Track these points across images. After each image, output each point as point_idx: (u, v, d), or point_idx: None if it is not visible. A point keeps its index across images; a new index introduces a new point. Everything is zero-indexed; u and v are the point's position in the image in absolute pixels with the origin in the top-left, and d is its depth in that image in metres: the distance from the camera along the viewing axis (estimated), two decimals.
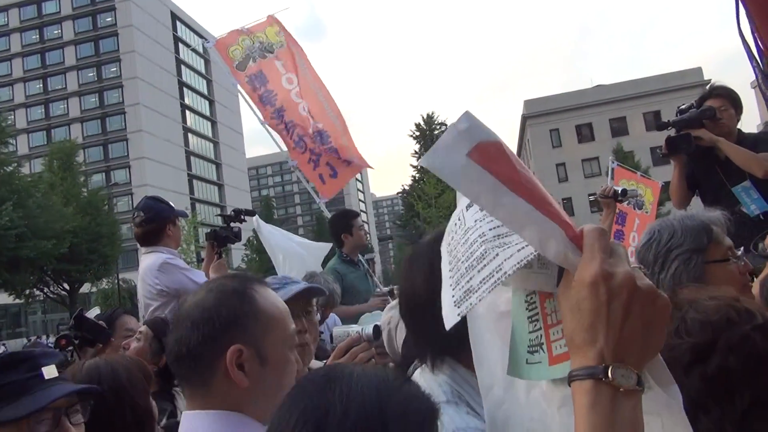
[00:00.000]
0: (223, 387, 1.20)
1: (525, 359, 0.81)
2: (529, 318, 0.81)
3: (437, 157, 0.70)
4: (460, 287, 0.79)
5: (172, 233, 3.63)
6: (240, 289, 1.27)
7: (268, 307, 1.27)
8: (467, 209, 0.85)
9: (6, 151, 31.82)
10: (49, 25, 67.46)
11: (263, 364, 1.22)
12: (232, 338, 1.20)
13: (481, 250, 0.77)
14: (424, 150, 49.20)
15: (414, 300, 1.30)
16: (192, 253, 45.53)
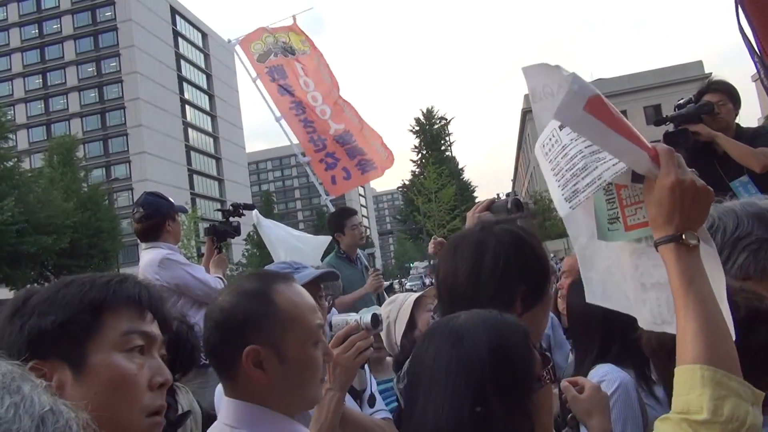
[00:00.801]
0: (245, 382, 1.26)
1: (607, 227, 1.21)
2: (607, 200, 1.20)
3: (562, 114, 1.01)
4: (568, 189, 1.13)
5: (171, 229, 3.63)
6: (259, 290, 1.32)
7: (287, 306, 1.31)
8: (560, 129, 1.16)
9: (6, 147, 31.77)
10: (48, 20, 67.26)
11: (283, 362, 1.26)
12: (248, 339, 1.25)
13: (582, 163, 1.10)
14: (424, 145, 49.20)
15: (456, 290, 1.42)
16: (192, 248, 45.58)
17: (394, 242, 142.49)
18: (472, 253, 1.44)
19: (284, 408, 1.29)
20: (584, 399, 1.54)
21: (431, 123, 50.32)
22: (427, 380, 1.05)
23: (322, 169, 5.62)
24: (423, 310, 2.46)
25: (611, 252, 1.27)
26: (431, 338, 1.11)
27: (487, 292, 1.37)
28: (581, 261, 1.40)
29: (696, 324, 0.98)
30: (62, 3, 66.97)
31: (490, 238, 1.45)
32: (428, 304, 2.50)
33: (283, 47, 5.98)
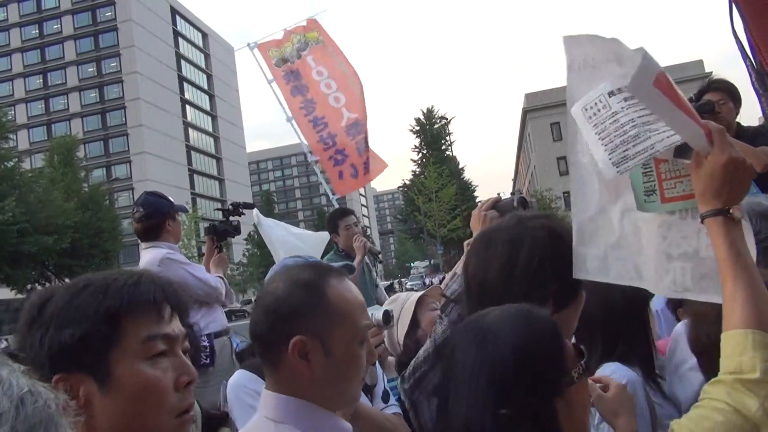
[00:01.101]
0: (289, 374, 1.24)
1: (643, 199, 1.28)
2: (643, 173, 1.27)
3: (634, 87, 1.08)
4: (617, 154, 1.17)
5: (171, 228, 3.62)
6: (313, 281, 1.29)
7: (339, 301, 1.28)
8: (609, 96, 1.20)
9: (6, 147, 31.79)
10: (49, 20, 67.29)
11: (328, 356, 1.24)
12: (296, 328, 1.23)
13: (634, 131, 1.14)
14: (424, 144, 49.21)
15: (486, 286, 1.41)
16: (193, 248, 45.65)
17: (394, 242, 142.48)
18: (506, 249, 1.41)
19: (325, 403, 1.27)
20: (610, 398, 1.51)
21: (431, 123, 50.33)
22: (456, 379, 1.05)
23: (331, 165, 5.65)
24: (426, 310, 2.44)
25: (629, 226, 1.33)
26: (462, 335, 1.11)
27: (520, 290, 1.33)
28: (578, 235, 1.43)
29: (745, 292, 1.06)
30: (62, 3, 66.99)
31: (525, 233, 1.43)
32: (430, 303, 2.48)
33: (297, 49, 6.09)
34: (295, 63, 6.04)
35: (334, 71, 5.95)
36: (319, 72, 5.93)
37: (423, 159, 47.96)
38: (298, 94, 5.84)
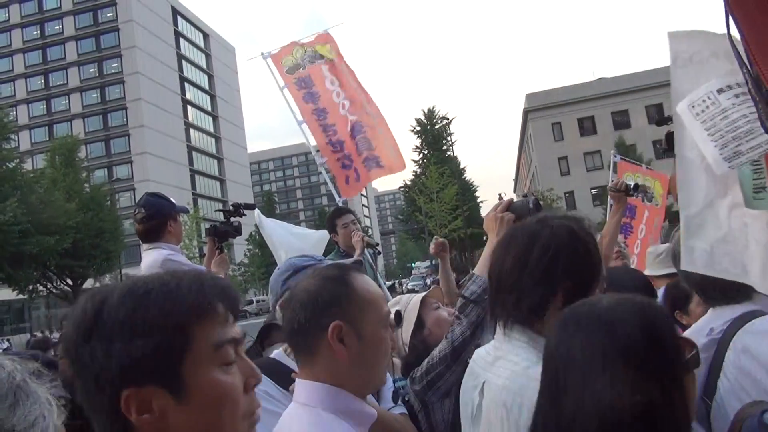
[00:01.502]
0: (326, 359, 1.37)
1: (752, 196, 1.29)
2: (753, 170, 1.29)
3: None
4: (728, 149, 1.19)
5: (173, 229, 3.62)
6: (340, 275, 1.46)
7: (364, 291, 1.44)
8: (719, 93, 1.22)
9: (8, 147, 31.84)
10: (50, 21, 67.35)
11: (360, 340, 1.38)
12: (333, 316, 1.37)
13: (747, 127, 1.15)
14: (425, 145, 49.19)
15: (501, 278, 1.52)
16: (194, 249, 45.68)
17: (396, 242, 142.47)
18: (524, 241, 1.51)
19: (356, 389, 1.40)
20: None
21: (433, 123, 50.30)
22: (579, 368, 1.07)
23: (339, 167, 5.75)
24: (429, 310, 2.44)
25: (736, 221, 1.37)
26: (576, 325, 1.13)
27: (531, 280, 1.44)
28: (686, 229, 1.49)
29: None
30: (64, 4, 67.05)
31: (545, 230, 1.51)
32: (433, 303, 2.49)
33: (311, 57, 6.22)
34: (307, 69, 6.15)
35: (344, 84, 6.08)
36: (332, 81, 6.07)
37: (424, 159, 47.92)
38: (311, 101, 5.96)
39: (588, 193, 48.42)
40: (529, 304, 1.45)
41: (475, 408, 1.55)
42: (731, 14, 0.87)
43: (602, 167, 43.19)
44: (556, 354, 1.13)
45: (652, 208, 7.50)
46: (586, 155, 49.55)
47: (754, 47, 0.86)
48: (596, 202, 44.97)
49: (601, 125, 49.98)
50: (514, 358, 1.44)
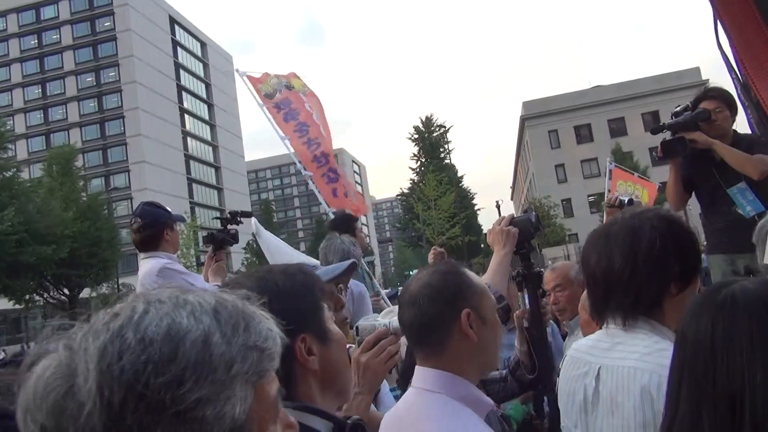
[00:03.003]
0: (456, 345, 1.48)
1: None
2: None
3: None
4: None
5: (170, 238, 3.62)
6: (454, 268, 1.60)
7: (476, 280, 1.59)
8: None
9: (5, 157, 31.79)
10: (48, 30, 67.50)
11: (485, 323, 1.52)
12: (460, 305, 1.49)
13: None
14: (423, 152, 49.25)
15: (611, 275, 1.56)
16: (192, 257, 45.55)
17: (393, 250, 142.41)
18: (627, 238, 1.56)
19: (476, 374, 1.54)
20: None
21: (430, 131, 50.39)
22: (748, 350, 1.09)
23: (324, 183, 5.85)
24: None
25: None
26: (735, 308, 1.14)
27: (645, 274, 1.51)
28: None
29: None
30: (62, 13, 67.23)
31: (643, 223, 1.57)
32: None
33: (287, 85, 6.38)
34: (283, 93, 6.28)
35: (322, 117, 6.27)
36: (310, 107, 6.26)
37: (422, 167, 48.00)
38: (291, 120, 6.07)
39: (585, 201, 48.53)
40: (648, 298, 1.52)
41: (589, 394, 1.59)
42: (719, 20, 0.90)
43: (599, 174, 43.32)
44: (713, 336, 1.14)
45: None
46: (583, 162, 49.70)
47: (742, 53, 0.88)
48: (593, 210, 45.06)
49: (597, 133, 50.18)
50: (640, 342, 1.51)
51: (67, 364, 0.62)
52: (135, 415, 0.58)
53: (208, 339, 0.63)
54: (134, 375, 0.59)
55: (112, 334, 0.62)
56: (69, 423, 0.58)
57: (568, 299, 3.17)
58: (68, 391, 0.60)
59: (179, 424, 0.59)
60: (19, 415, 0.62)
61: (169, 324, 0.63)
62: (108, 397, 0.58)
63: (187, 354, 0.61)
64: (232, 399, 0.63)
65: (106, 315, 0.66)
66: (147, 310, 0.64)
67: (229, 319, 0.67)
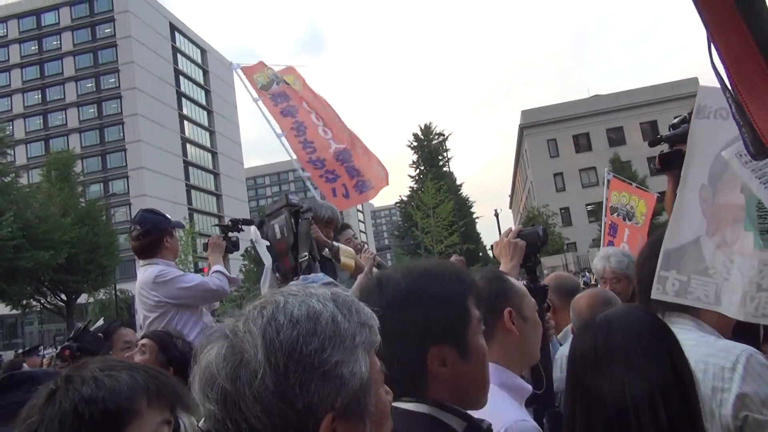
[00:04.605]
0: (498, 343, 1.63)
1: (760, 238, 1.49)
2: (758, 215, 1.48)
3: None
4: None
5: (169, 245, 3.61)
6: (498, 274, 1.80)
7: (518, 284, 1.79)
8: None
9: (4, 162, 31.78)
10: (48, 36, 67.66)
11: (525, 321, 1.69)
12: (503, 306, 1.66)
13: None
14: (422, 161, 49.30)
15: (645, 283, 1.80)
16: (190, 264, 45.46)
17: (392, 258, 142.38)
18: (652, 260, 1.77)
19: (519, 366, 1.70)
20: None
21: (429, 139, 50.47)
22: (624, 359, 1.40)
23: (323, 182, 5.68)
24: None
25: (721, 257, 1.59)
26: (610, 327, 1.49)
27: None
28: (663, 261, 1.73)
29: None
30: (62, 20, 67.41)
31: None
32: None
33: (277, 81, 6.21)
34: (281, 86, 6.11)
35: (320, 113, 6.08)
36: (309, 103, 6.08)
37: (420, 175, 48.03)
38: (289, 116, 5.88)
39: (583, 209, 48.56)
40: None
41: None
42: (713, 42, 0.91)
43: (597, 183, 43.40)
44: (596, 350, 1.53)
45: (632, 227, 7.78)
46: (582, 171, 49.78)
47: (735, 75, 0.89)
48: (592, 218, 45.08)
49: (596, 142, 50.29)
50: (686, 334, 1.63)
51: (232, 345, 0.81)
52: (295, 375, 0.77)
53: (335, 318, 0.83)
54: (291, 346, 0.78)
55: (268, 319, 0.82)
56: (245, 387, 0.77)
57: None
58: (239, 364, 0.79)
59: (326, 380, 0.79)
60: (196, 387, 0.83)
61: (307, 308, 0.83)
62: (275, 364, 0.77)
63: (323, 329, 0.81)
64: (359, 361, 0.83)
65: (255, 308, 0.86)
66: (287, 300, 0.85)
67: (344, 304, 0.87)
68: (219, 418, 0.80)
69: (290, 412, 0.78)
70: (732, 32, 0.85)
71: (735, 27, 0.84)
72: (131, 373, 1.02)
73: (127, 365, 1.06)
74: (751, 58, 0.85)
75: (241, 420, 0.78)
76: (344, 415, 0.81)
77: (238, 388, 0.78)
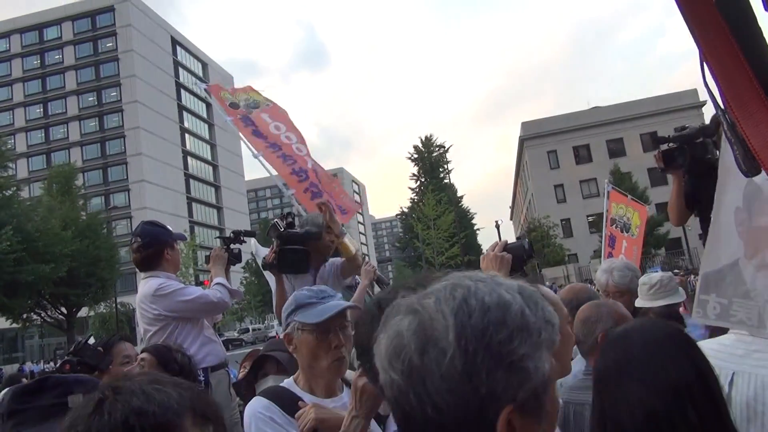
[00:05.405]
0: None
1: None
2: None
3: None
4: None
5: (170, 257, 3.59)
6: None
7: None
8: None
9: (5, 175, 31.81)
10: (50, 51, 68.12)
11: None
12: None
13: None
14: (423, 172, 49.42)
15: None
16: (191, 276, 45.42)
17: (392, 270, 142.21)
18: None
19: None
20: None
21: (430, 151, 50.64)
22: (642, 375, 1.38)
23: (308, 198, 5.53)
24: None
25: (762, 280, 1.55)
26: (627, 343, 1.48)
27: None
28: (703, 285, 1.70)
29: None
30: (64, 34, 67.90)
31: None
32: None
33: (246, 103, 6.15)
34: (246, 109, 6.06)
35: (292, 130, 6.02)
36: (276, 126, 5.96)
37: (421, 186, 48.11)
38: (260, 138, 5.78)
39: (584, 221, 48.55)
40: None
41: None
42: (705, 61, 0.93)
43: (598, 195, 43.41)
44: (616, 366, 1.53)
45: (629, 239, 7.89)
46: (582, 183, 49.83)
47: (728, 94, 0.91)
48: (592, 230, 45.06)
49: (596, 153, 50.38)
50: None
51: (420, 322, 0.81)
52: (483, 361, 0.77)
53: (523, 311, 0.82)
54: (481, 332, 0.78)
55: (460, 301, 0.81)
56: (432, 363, 0.78)
57: None
58: (428, 341, 0.79)
59: (512, 371, 0.78)
60: (382, 353, 0.83)
61: (498, 296, 0.82)
62: (464, 346, 0.77)
63: (512, 319, 0.80)
64: (542, 358, 0.81)
65: (446, 288, 0.84)
66: (477, 286, 0.84)
67: (530, 297, 0.85)
68: (402, 390, 0.81)
69: (474, 396, 0.78)
70: (724, 52, 0.86)
71: (727, 47, 0.86)
72: (178, 389, 0.99)
73: (172, 380, 1.03)
74: (742, 77, 0.86)
75: (425, 395, 0.79)
76: (523, 409, 0.80)
77: (425, 364, 0.79)
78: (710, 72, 0.90)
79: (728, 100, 0.89)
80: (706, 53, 0.89)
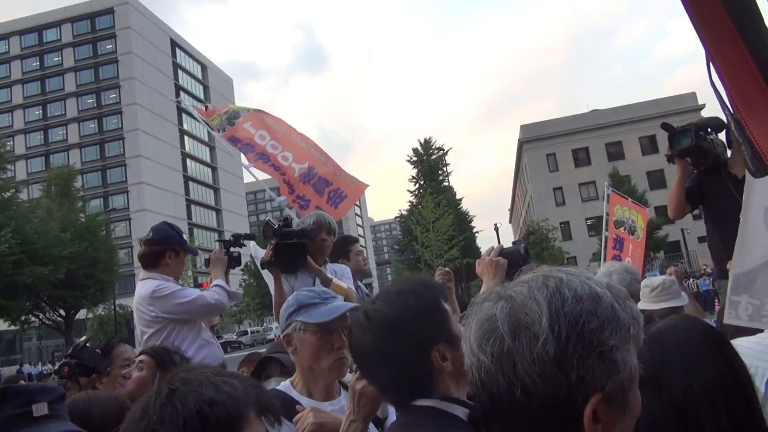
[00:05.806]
0: None
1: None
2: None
3: None
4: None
5: (171, 262, 3.56)
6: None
7: None
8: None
9: (4, 177, 31.75)
10: (50, 53, 68.10)
11: None
12: None
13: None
14: (422, 175, 49.42)
15: None
16: (189, 279, 45.34)
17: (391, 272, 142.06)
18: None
19: None
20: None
21: (429, 153, 50.62)
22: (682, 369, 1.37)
23: (297, 207, 5.71)
24: None
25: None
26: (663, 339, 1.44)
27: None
28: (734, 285, 1.70)
29: None
30: (64, 36, 67.89)
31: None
32: None
33: (228, 119, 6.32)
34: (228, 131, 6.22)
35: (275, 134, 6.09)
36: (261, 136, 6.08)
37: (420, 189, 48.11)
38: (249, 151, 6.00)
39: (583, 224, 48.57)
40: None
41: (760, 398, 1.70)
42: (712, 62, 0.92)
43: (597, 197, 43.44)
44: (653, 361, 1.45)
45: (634, 242, 7.84)
46: (581, 186, 49.87)
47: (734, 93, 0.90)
48: (591, 233, 45.08)
49: (595, 156, 50.43)
50: None
51: (513, 307, 0.84)
52: (575, 349, 0.79)
53: (614, 305, 0.83)
54: (574, 319, 0.80)
55: (553, 290, 0.83)
56: (524, 347, 0.80)
57: None
58: (520, 326, 0.81)
59: (602, 360, 0.80)
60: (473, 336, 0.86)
61: (590, 288, 0.84)
62: (557, 332, 0.79)
63: (603, 311, 0.82)
64: (631, 352, 0.83)
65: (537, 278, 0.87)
66: (569, 278, 0.86)
67: (618, 294, 0.87)
68: (491, 372, 0.83)
69: (564, 382, 0.79)
70: (731, 51, 0.86)
71: (734, 46, 0.85)
72: (242, 382, 1.02)
73: (235, 374, 1.05)
74: (749, 77, 0.86)
75: (515, 378, 0.80)
76: (609, 400, 0.82)
77: (517, 347, 0.80)
78: (716, 72, 0.90)
79: (735, 99, 0.89)
80: (713, 53, 0.89)
